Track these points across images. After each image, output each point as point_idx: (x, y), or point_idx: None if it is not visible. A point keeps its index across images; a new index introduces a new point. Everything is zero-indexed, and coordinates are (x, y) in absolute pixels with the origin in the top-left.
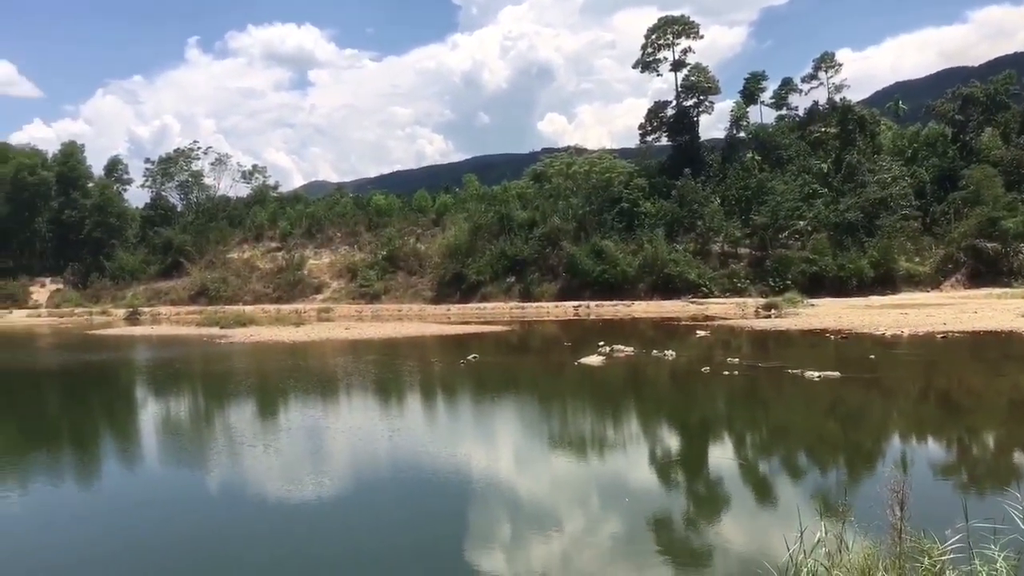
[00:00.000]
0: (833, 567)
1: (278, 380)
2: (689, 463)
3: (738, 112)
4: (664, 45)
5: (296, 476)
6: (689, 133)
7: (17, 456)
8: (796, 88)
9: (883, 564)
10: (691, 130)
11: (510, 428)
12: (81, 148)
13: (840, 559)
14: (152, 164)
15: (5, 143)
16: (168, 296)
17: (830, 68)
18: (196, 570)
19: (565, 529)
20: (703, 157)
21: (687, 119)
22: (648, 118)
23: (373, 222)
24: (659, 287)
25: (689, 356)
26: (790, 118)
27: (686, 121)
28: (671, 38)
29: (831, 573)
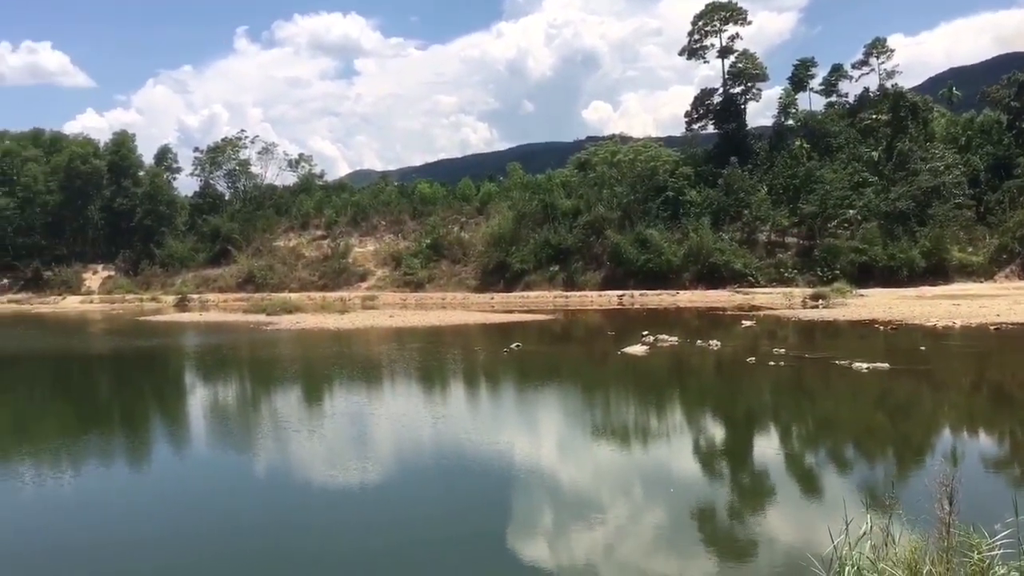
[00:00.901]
0: (879, 560)
1: (323, 367)
2: (734, 454)
3: (786, 99)
4: (711, 31)
5: (341, 463)
6: (736, 121)
7: (71, 439)
8: (846, 74)
9: (930, 558)
10: (738, 117)
11: (553, 417)
12: (132, 137)
13: (886, 552)
14: (201, 153)
15: (59, 133)
16: (216, 283)
17: (882, 54)
18: (242, 556)
19: (609, 518)
20: (750, 145)
21: (734, 106)
22: (694, 105)
23: (417, 210)
24: (704, 276)
25: (734, 346)
26: (840, 105)
27: (733, 108)
28: (718, 24)
29: (876, 566)
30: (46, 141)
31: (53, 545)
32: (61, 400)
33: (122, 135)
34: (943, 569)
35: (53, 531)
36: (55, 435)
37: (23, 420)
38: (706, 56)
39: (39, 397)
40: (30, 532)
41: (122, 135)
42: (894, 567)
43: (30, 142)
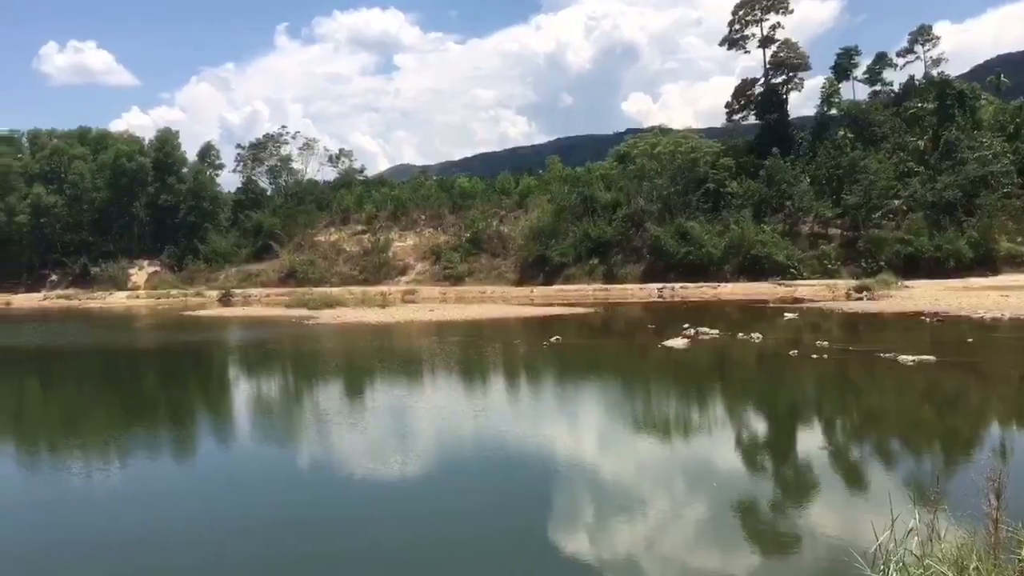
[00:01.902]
0: (924, 557)
1: (364, 361)
2: (777, 448)
3: (829, 88)
4: (752, 21)
5: (382, 456)
6: (778, 111)
7: (118, 432)
8: (891, 63)
9: (977, 555)
10: (780, 108)
11: (594, 410)
12: (176, 135)
13: (931, 549)
14: (243, 149)
15: (105, 131)
16: (258, 278)
17: (927, 41)
18: (284, 548)
19: (651, 513)
20: (792, 135)
21: (776, 96)
22: (735, 96)
23: (457, 204)
24: (746, 269)
25: (777, 339)
26: (884, 94)
27: (775, 99)
28: (759, 14)
29: (922, 563)
30: (93, 139)
31: (100, 537)
32: (109, 394)
33: (166, 132)
34: (990, 566)
35: (100, 523)
36: (103, 428)
37: (72, 413)
38: (747, 46)
39: (88, 391)
40: (77, 524)
41: (166, 132)
42: (940, 564)
43: (77, 140)
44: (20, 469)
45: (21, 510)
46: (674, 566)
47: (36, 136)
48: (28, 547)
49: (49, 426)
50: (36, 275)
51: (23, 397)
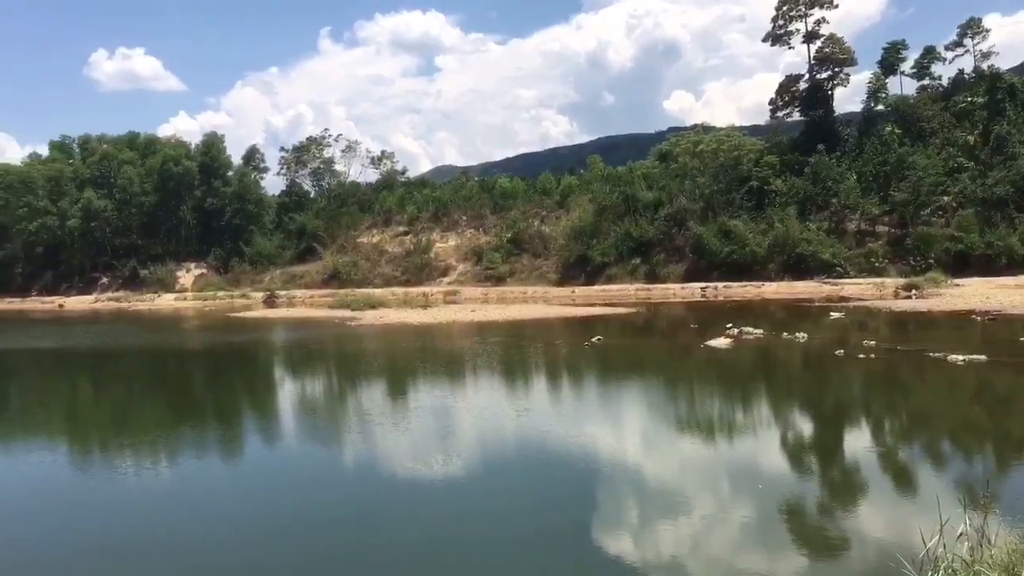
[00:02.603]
0: (974, 562)
1: (406, 361)
2: (823, 449)
3: (876, 84)
4: (796, 16)
5: (425, 456)
6: (823, 107)
7: (166, 432)
8: (939, 57)
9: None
10: (825, 104)
11: (636, 411)
12: (222, 139)
13: (981, 554)
14: (287, 152)
15: (153, 136)
16: (302, 280)
17: (976, 34)
18: (329, 547)
19: (695, 514)
20: (838, 132)
21: (821, 92)
22: (779, 93)
23: (498, 205)
24: (790, 267)
25: (822, 338)
26: (933, 88)
27: (820, 95)
28: (803, 8)
29: (972, 568)
30: (141, 144)
31: (148, 537)
32: (157, 394)
33: (212, 137)
34: None
35: (148, 522)
36: (152, 428)
37: (122, 413)
38: (791, 42)
39: (137, 391)
40: (126, 523)
41: (212, 137)
42: (990, 570)
43: (126, 145)
44: (72, 469)
45: (72, 509)
46: (719, 568)
47: (87, 142)
48: (78, 545)
49: (100, 426)
50: (88, 278)
51: (76, 398)
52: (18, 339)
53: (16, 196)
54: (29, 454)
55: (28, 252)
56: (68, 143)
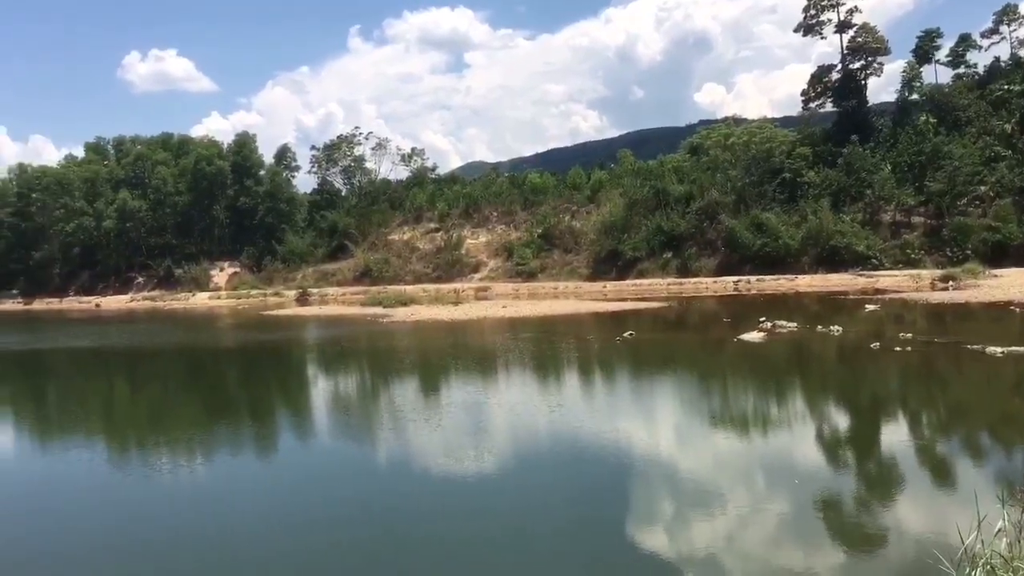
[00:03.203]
0: (1013, 559)
1: (438, 357)
2: (859, 444)
3: (910, 73)
4: (828, 6)
5: (457, 451)
6: (856, 97)
7: (201, 429)
8: (975, 44)
9: None
10: (858, 94)
11: (670, 405)
12: (253, 138)
13: (1021, 551)
14: (318, 151)
15: (186, 136)
16: (334, 277)
17: (1013, 20)
18: (363, 546)
19: (730, 509)
20: (872, 122)
21: (854, 83)
22: (811, 84)
23: (528, 200)
24: (824, 260)
25: (857, 331)
26: (968, 77)
27: (853, 85)
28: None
29: (1010, 565)
30: (175, 145)
31: (182, 531)
32: (193, 392)
33: (244, 136)
34: None
35: (182, 517)
36: (187, 425)
37: (158, 411)
38: (823, 32)
39: (172, 389)
40: (161, 519)
41: (244, 136)
42: None
43: (160, 146)
44: (109, 466)
45: (108, 505)
46: (755, 563)
47: (121, 143)
48: (113, 541)
49: (136, 424)
50: (124, 278)
51: (112, 396)
52: (57, 339)
53: (53, 198)
54: (67, 452)
55: (65, 253)
56: (103, 145)
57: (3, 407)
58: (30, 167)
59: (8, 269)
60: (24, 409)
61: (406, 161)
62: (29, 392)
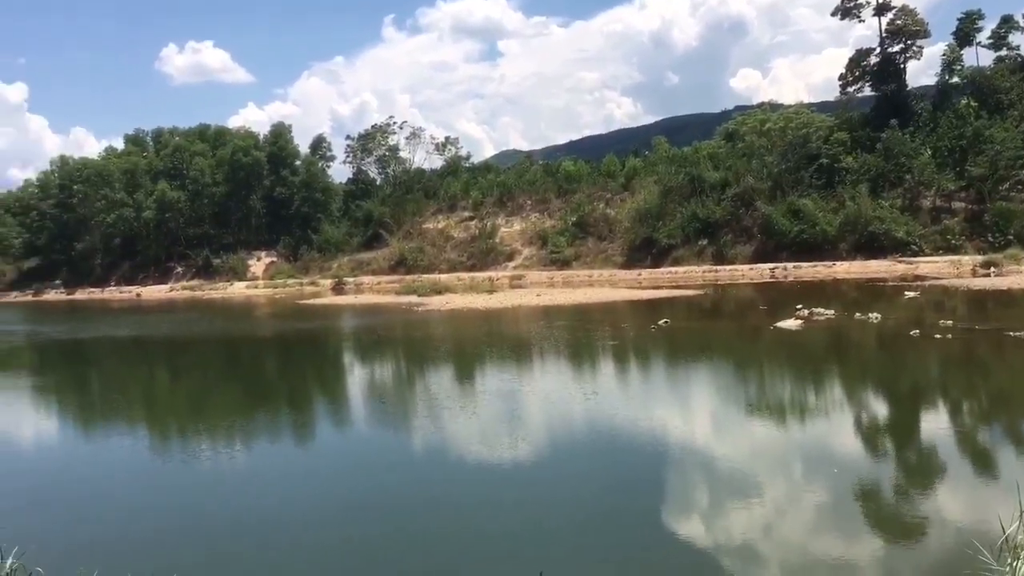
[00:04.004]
0: None
1: (473, 346)
2: (899, 433)
3: (951, 55)
4: None
5: (492, 440)
6: (895, 81)
7: (240, 417)
8: (1017, 26)
9: None
10: (897, 78)
11: (705, 394)
12: (289, 128)
13: None
14: (352, 140)
15: (223, 127)
16: (370, 266)
17: None
18: (398, 534)
19: (767, 498)
20: (911, 106)
21: (893, 66)
22: (849, 68)
23: (562, 188)
24: (863, 246)
25: (897, 318)
26: (1011, 59)
27: (892, 68)
28: None
29: None
30: (212, 136)
31: (220, 517)
32: (232, 380)
33: (280, 127)
34: None
35: (223, 505)
36: (226, 413)
37: (198, 399)
38: (861, 15)
39: (212, 378)
40: (202, 506)
41: (280, 127)
42: None
43: (197, 137)
44: (151, 454)
45: (150, 492)
46: (793, 552)
47: (159, 135)
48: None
49: (177, 411)
50: (163, 268)
51: (153, 384)
52: (99, 328)
53: (94, 189)
54: (108, 439)
55: (107, 243)
56: (142, 136)
57: (49, 395)
58: (71, 159)
59: (51, 260)
60: (68, 397)
61: (440, 150)
62: (73, 380)
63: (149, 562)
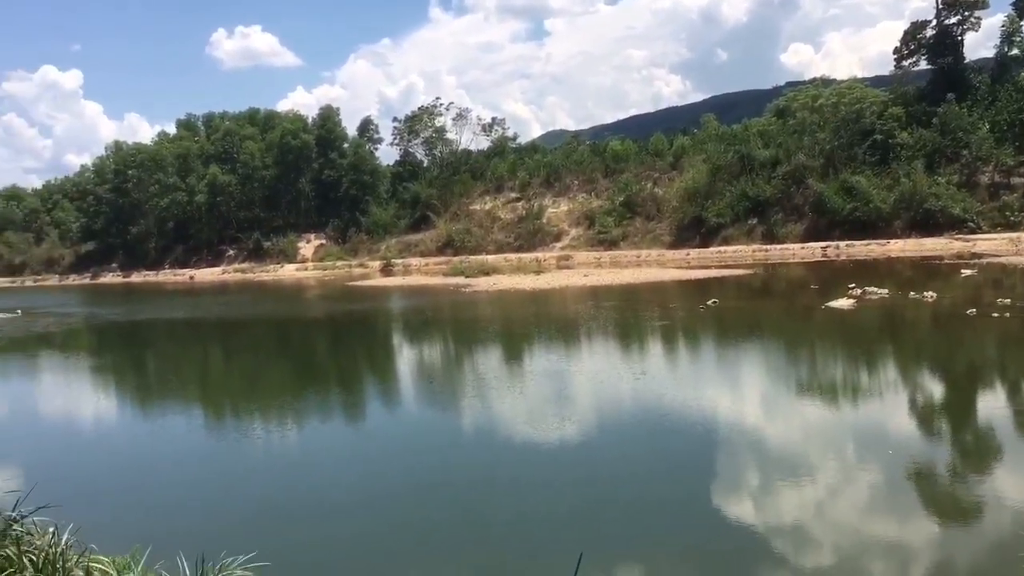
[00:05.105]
0: None
1: (521, 326)
2: (955, 413)
3: (1010, 27)
4: None
5: (541, 420)
6: (952, 54)
7: (292, 397)
8: None
9: None
10: (954, 51)
11: (756, 374)
12: (337, 111)
13: None
14: (399, 122)
15: (272, 111)
16: (417, 248)
17: None
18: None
19: (820, 479)
20: (968, 80)
21: (949, 39)
22: (904, 41)
23: (610, 168)
24: (918, 224)
25: (953, 297)
26: None
27: (948, 41)
28: None
29: None
30: (261, 120)
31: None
32: (283, 360)
33: (328, 110)
34: None
35: (272, 485)
36: (278, 393)
37: (251, 379)
38: None
39: (264, 358)
40: (252, 485)
41: (328, 110)
42: None
43: (247, 121)
44: (205, 433)
45: (203, 471)
46: (847, 535)
47: (210, 119)
48: (209, 503)
49: (230, 391)
50: (215, 251)
51: (207, 365)
52: (154, 310)
53: (148, 174)
54: (163, 418)
55: (160, 227)
56: (193, 121)
57: (106, 375)
58: (125, 145)
59: (108, 244)
60: (125, 377)
61: (487, 131)
62: (130, 361)
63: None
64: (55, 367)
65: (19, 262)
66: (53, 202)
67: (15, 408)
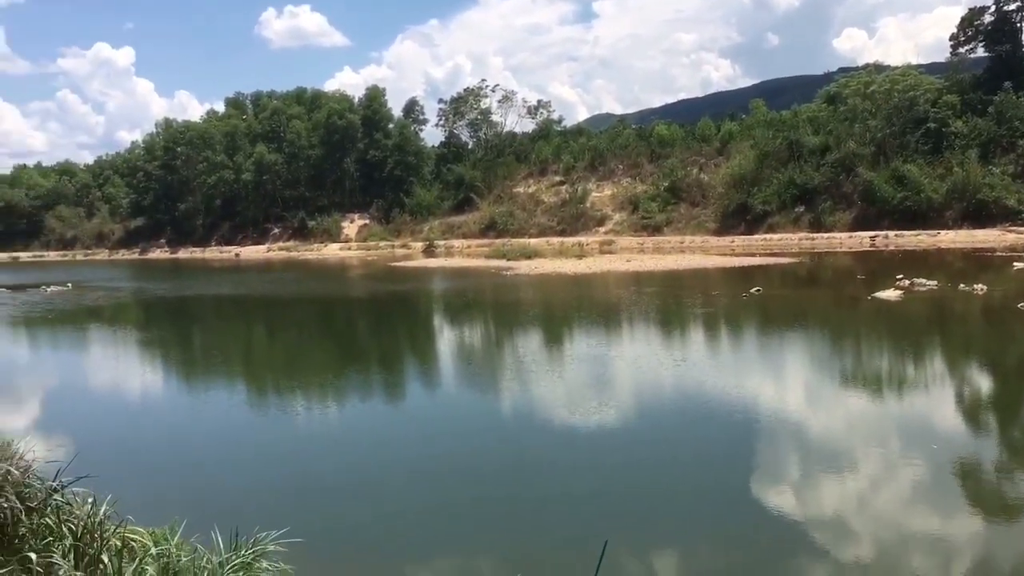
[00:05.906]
0: None
1: (562, 311)
2: (1004, 409)
3: None
4: None
5: (580, 405)
6: (1010, 41)
7: (333, 375)
8: None
9: None
10: (1013, 38)
11: (799, 364)
12: (383, 92)
13: None
14: (445, 104)
15: (319, 91)
16: (460, 230)
17: None
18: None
19: (861, 472)
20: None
21: (1008, 25)
22: (961, 27)
23: (655, 153)
24: (970, 214)
25: (1004, 290)
26: None
27: (1007, 28)
28: None
29: None
30: (308, 99)
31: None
32: (325, 339)
33: (374, 90)
34: None
35: (312, 462)
36: (319, 371)
37: (293, 357)
38: None
39: (307, 336)
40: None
41: (374, 90)
42: None
43: (294, 101)
44: (247, 409)
45: (243, 447)
46: (889, 528)
47: (258, 98)
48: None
49: (273, 368)
50: (261, 228)
51: (251, 341)
52: (201, 286)
53: (196, 151)
54: (206, 393)
55: (208, 204)
56: (242, 100)
57: (153, 348)
58: (175, 122)
59: (156, 220)
60: (171, 351)
61: (532, 113)
62: (176, 335)
63: (236, 514)
64: (103, 340)
65: (71, 236)
66: (104, 178)
67: (62, 379)
